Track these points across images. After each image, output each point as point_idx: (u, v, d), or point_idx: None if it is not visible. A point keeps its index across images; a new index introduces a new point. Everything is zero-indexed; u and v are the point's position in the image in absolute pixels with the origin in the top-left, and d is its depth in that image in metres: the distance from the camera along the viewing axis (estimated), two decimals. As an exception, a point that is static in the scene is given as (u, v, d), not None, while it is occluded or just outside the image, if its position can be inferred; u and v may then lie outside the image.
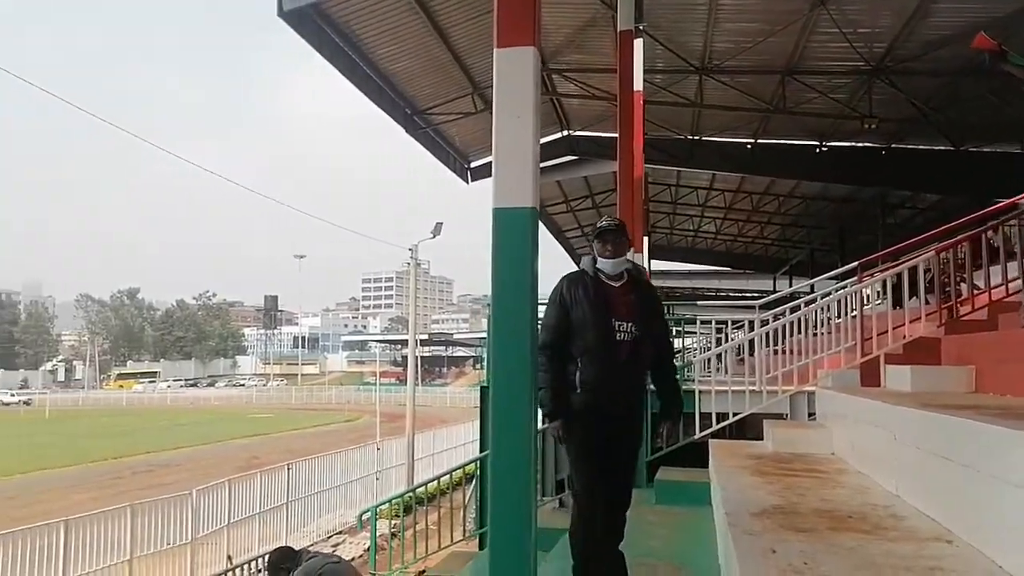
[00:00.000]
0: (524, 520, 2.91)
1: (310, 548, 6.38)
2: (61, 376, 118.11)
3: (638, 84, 8.12)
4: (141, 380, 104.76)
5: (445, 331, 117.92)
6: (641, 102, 8.30)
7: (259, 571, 10.18)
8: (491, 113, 10.46)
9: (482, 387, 10.59)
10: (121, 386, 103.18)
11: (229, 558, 11.93)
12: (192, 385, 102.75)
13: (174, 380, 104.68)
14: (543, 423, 4.05)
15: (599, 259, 3.99)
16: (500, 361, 3.00)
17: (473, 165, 15.60)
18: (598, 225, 4.13)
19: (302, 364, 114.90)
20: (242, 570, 10.07)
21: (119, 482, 24.05)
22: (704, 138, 14.95)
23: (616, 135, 8.23)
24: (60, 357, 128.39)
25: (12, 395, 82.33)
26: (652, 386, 4.20)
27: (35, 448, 35.66)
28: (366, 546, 13.84)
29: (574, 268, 4.14)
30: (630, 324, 3.90)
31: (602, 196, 18.84)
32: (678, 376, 4.56)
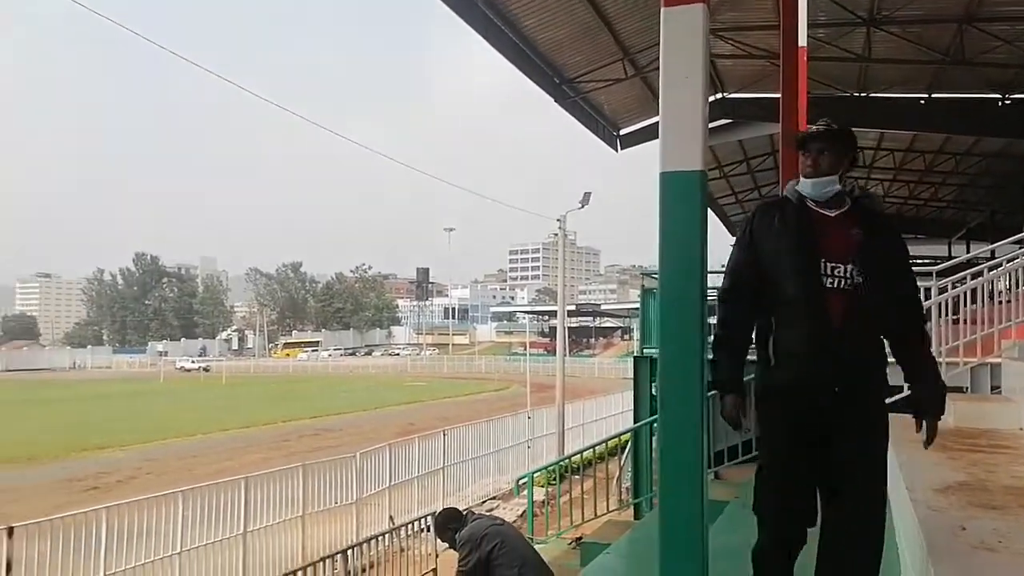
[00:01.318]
0: (694, 491, 2.82)
1: (473, 510, 6.54)
2: (235, 345, 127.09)
3: (802, 39, 7.68)
4: (305, 349, 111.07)
5: (592, 302, 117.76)
6: (805, 59, 7.85)
7: (419, 531, 10.58)
8: (641, 79, 10.16)
9: (636, 358, 10.49)
10: (287, 354, 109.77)
11: (391, 518, 12.47)
12: (351, 354, 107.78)
13: (334, 349, 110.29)
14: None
15: (801, 179, 3.04)
16: (668, 329, 2.91)
17: (623, 132, 15.34)
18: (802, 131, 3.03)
19: (453, 334, 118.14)
20: (403, 530, 10.48)
21: (288, 444, 25.61)
22: (872, 95, 14.02)
23: (776, 95, 7.83)
24: (233, 327, 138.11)
25: (193, 362, 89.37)
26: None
27: (214, 411, 38.60)
28: (519, 511, 14.10)
29: (728, 237, 3.64)
30: (849, 268, 2.84)
31: (758, 160, 18.11)
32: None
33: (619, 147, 15.37)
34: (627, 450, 11.26)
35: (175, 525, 9.17)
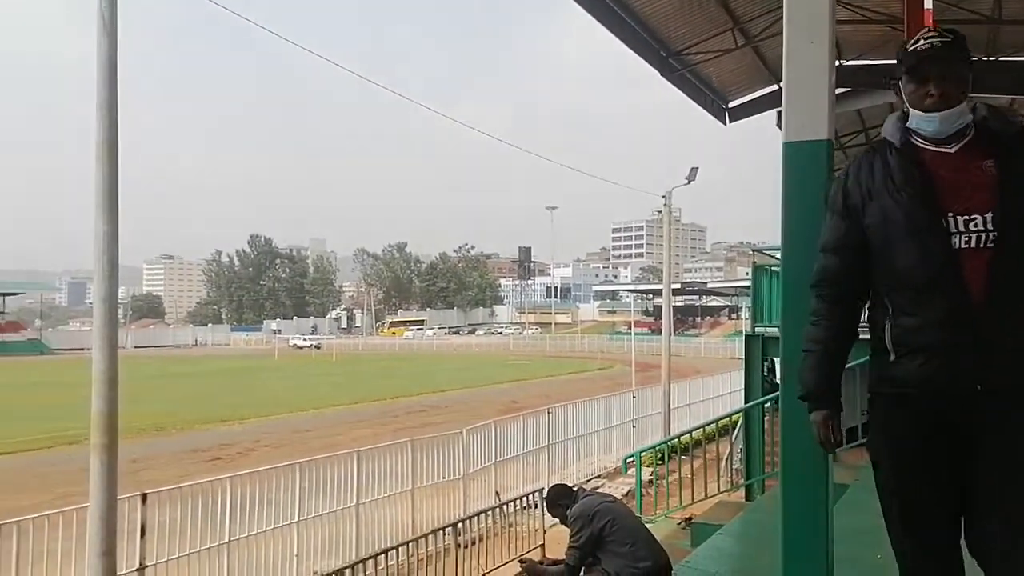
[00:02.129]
0: (818, 473, 2.72)
1: (584, 487, 6.54)
2: (344, 324, 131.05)
3: (928, 1, 7.25)
4: (410, 328, 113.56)
5: (698, 280, 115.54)
6: (931, 22, 7.41)
7: (526, 507, 10.66)
8: (752, 48, 9.78)
9: (747, 337, 10.24)
10: (393, 333, 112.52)
11: (497, 494, 12.61)
12: (455, 332, 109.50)
13: (439, 328, 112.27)
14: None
15: (911, 112, 2.25)
16: (791, 307, 2.80)
17: (732, 104, 14.88)
18: (907, 48, 2.23)
19: (555, 313, 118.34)
20: (510, 506, 10.59)
21: (395, 420, 26.24)
22: (1002, 59, 13.12)
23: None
24: (342, 306, 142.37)
25: (305, 340, 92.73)
26: None
27: (325, 387, 39.96)
28: (624, 491, 14.02)
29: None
30: (987, 218, 2.09)
31: (876, 130, 17.28)
32: None
33: (728, 120, 14.93)
34: (737, 430, 11.03)
35: (292, 495, 9.53)
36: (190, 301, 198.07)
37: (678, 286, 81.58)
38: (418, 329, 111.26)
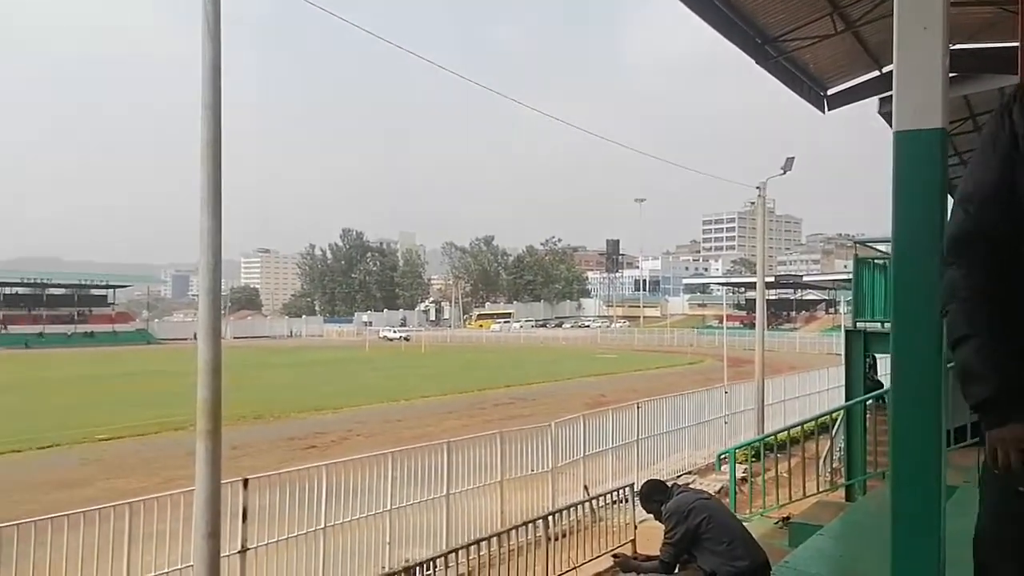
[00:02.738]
0: (931, 475, 2.61)
1: (679, 483, 6.45)
2: (432, 316, 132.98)
3: (1046, -20, 6.81)
4: (497, 320, 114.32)
5: (793, 273, 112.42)
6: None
7: (615, 502, 10.59)
8: (852, 33, 9.41)
9: (848, 332, 9.89)
10: (481, 325, 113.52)
11: (585, 488, 12.57)
12: (542, 325, 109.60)
13: (526, 320, 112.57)
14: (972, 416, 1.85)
15: None
16: (903, 303, 2.68)
17: (830, 92, 14.38)
18: None
19: (643, 307, 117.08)
20: (598, 500, 10.54)
21: (483, 412, 26.47)
22: None
23: (1013, 44, 7.02)
24: (431, 299, 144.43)
25: (395, 332, 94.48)
26: None
27: (415, 379, 40.64)
28: (717, 487, 13.77)
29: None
30: None
31: (985, 117, 16.43)
32: None
33: (826, 108, 14.42)
34: (836, 429, 10.68)
35: (385, 484, 9.72)
36: (285, 293, 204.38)
37: (772, 279, 79.61)
38: (505, 322, 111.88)
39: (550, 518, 8.99)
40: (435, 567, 7.56)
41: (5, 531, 6.12)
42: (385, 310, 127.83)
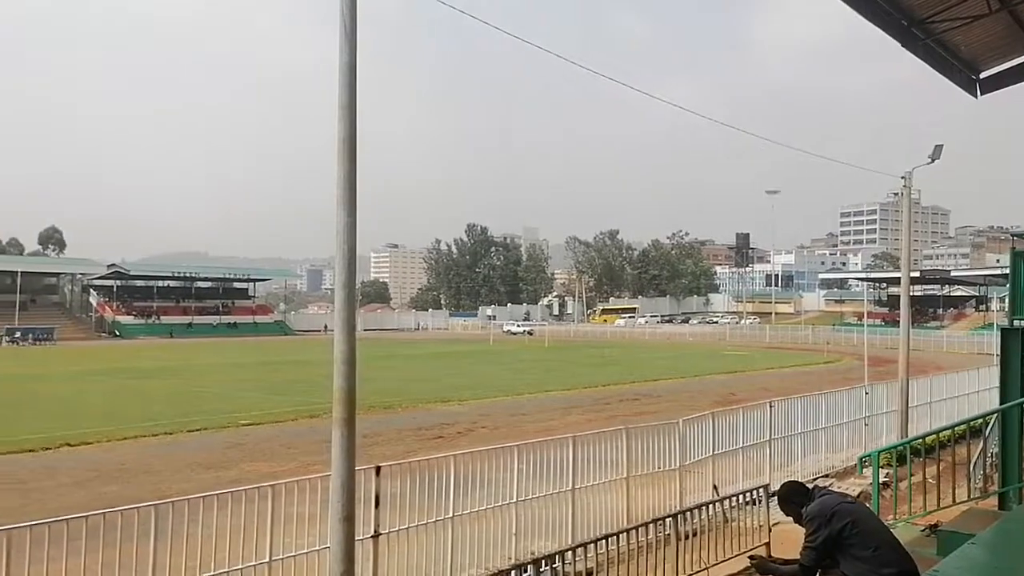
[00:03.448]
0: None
1: (820, 485, 6.16)
2: (555, 310, 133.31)
3: None
4: (621, 315, 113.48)
5: (940, 268, 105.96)
6: None
7: (746, 503, 10.26)
8: (1008, 12, 8.70)
9: (1003, 330, 9.18)
10: (604, 320, 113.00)
11: (715, 488, 12.25)
12: (667, 321, 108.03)
13: (651, 316, 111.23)
14: None
15: None
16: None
17: (983, 75, 13.40)
18: None
19: (775, 302, 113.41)
20: (729, 501, 10.23)
21: (608, 407, 26.27)
22: None
23: None
24: (554, 293, 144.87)
25: (518, 326, 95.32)
26: None
27: (538, 373, 40.83)
28: (856, 491, 13.12)
29: None
30: None
31: None
32: None
33: (979, 92, 13.45)
34: (989, 432, 9.95)
35: (510, 476, 9.77)
36: (412, 287, 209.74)
37: (917, 274, 75.26)
38: (629, 317, 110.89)
39: (679, 517, 8.79)
40: (563, 560, 7.54)
41: (161, 507, 6.51)
42: (509, 304, 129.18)
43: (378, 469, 7.88)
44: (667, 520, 8.65)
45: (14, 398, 28.75)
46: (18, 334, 71.96)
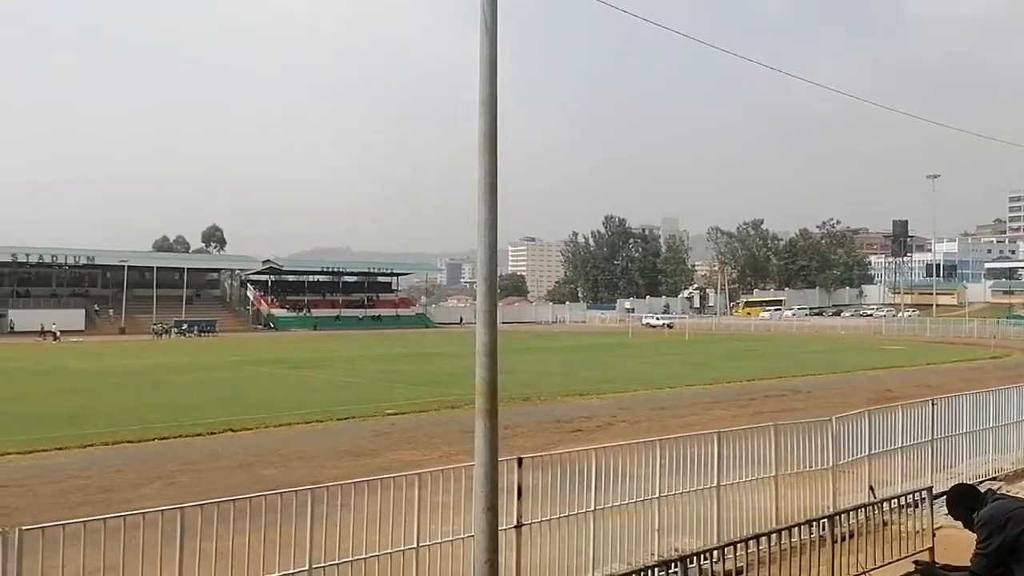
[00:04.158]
0: None
1: (993, 489, 5.71)
2: (696, 303, 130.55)
3: None
4: (767, 308, 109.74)
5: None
6: None
7: (906, 506, 9.66)
8: None
9: None
10: (748, 313, 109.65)
11: (871, 489, 11.62)
12: (816, 314, 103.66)
13: (798, 308, 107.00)
14: None
15: None
16: None
17: None
18: None
19: (936, 294, 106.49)
20: (887, 503, 9.66)
21: (753, 403, 25.44)
22: None
23: None
24: (695, 286, 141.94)
25: (657, 319, 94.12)
26: None
27: (679, 366, 40.11)
28: (1029, 499, 12.12)
29: None
30: None
31: None
32: None
33: None
34: None
35: (652, 471, 9.61)
36: (549, 280, 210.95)
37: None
38: (775, 309, 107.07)
39: (834, 518, 8.39)
40: (712, 558, 7.34)
41: (317, 492, 6.81)
42: (647, 297, 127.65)
43: (520, 460, 7.93)
44: (821, 521, 8.26)
45: (185, 386, 31.01)
46: (185, 326, 77.78)
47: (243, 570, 6.24)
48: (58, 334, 68.85)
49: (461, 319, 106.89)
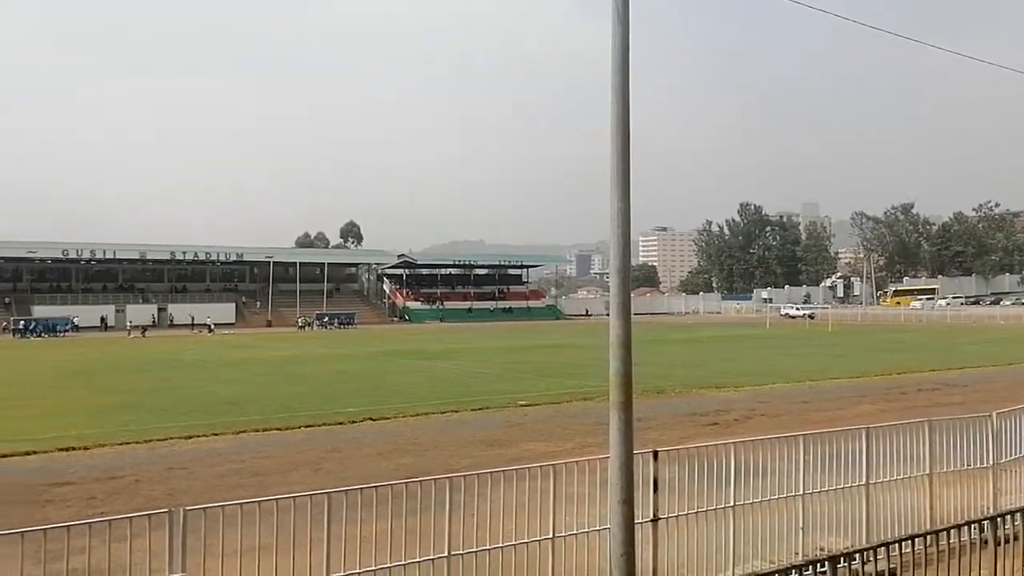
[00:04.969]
0: None
1: None
2: (839, 292, 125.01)
3: None
4: (918, 297, 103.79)
5: None
6: None
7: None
8: None
9: None
10: (897, 302, 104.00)
11: (1038, 490, 10.77)
12: (974, 302, 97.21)
13: (953, 297, 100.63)
14: None
15: None
16: None
17: None
18: None
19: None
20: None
21: (903, 397, 24.10)
22: None
23: None
24: (838, 274, 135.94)
25: (797, 309, 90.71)
26: None
27: (821, 359, 38.50)
28: None
29: None
30: None
31: None
32: None
33: None
34: None
35: (796, 467, 9.26)
36: (682, 270, 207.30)
37: None
38: (927, 298, 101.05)
39: (997, 520, 7.82)
40: (863, 559, 7.00)
41: (454, 480, 6.96)
42: (786, 286, 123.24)
43: (656, 453, 7.83)
44: (982, 523, 7.72)
45: (328, 376, 32.41)
46: (326, 319, 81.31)
47: (386, 555, 6.45)
48: (212, 327, 73.50)
49: (587, 311, 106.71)
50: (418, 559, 6.66)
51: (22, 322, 69.71)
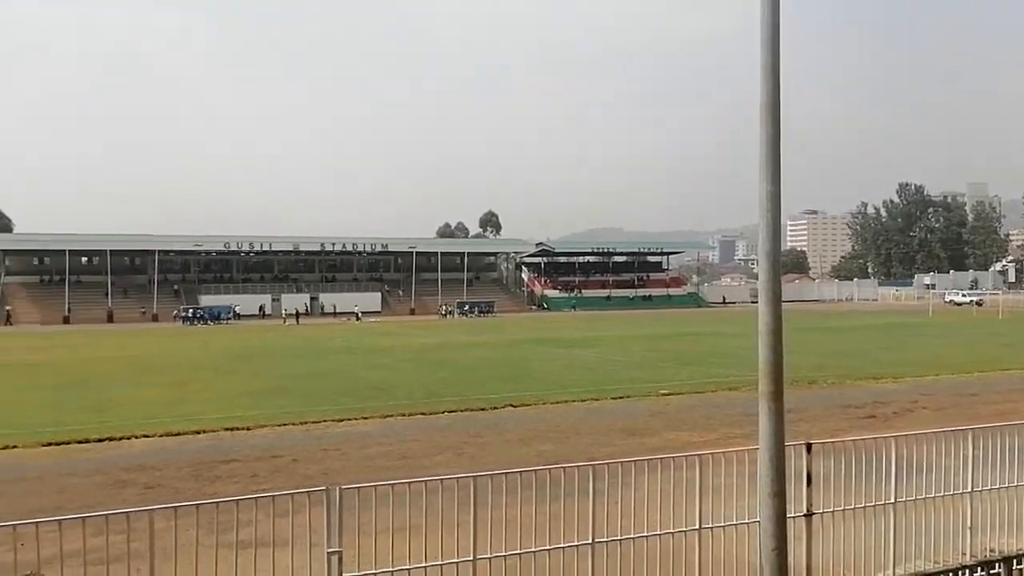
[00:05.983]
0: None
1: None
2: (1011, 277, 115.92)
3: None
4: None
5: None
6: None
7: None
8: None
9: None
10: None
11: None
12: None
13: None
14: None
15: None
16: None
17: None
18: None
19: None
20: None
21: (1088, 389, 22.12)
22: None
23: None
24: (1009, 257, 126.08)
25: (963, 295, 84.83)
26: None
27: (990, 348, 35.86)
28: None
29: None
30: None
31: None
32: None
33: None
34: None
35: (962, 463, 8.65)
36: (834, 255, 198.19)
37: None
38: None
39: None
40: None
41: (597, 468, 6.92)
42: (951, 271, 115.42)
43: (809, 446, 7.50)
44: None
45: (469, 363, 33.11)
46: (466, 307, 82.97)
47: (531, 539, 6.49)
48: (360, 315, 76.61)
49: (724, 298, 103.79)
50: (562, 545, 6.67)
51: (189, 310, 74.97)
